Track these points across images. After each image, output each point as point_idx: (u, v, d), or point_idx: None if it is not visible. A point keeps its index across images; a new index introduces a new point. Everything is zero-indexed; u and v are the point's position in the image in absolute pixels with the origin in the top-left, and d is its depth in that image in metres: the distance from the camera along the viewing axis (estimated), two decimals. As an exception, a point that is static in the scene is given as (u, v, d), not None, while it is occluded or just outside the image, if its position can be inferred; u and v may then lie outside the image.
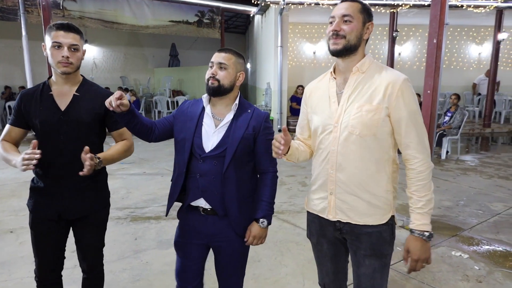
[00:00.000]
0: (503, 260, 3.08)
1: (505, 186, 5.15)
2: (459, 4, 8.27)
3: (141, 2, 10.64)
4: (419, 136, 1.41)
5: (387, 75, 1.42)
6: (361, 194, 1.44)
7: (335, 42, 1.42)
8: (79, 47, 1.72)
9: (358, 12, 1.41)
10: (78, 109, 1.75)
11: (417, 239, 1.40)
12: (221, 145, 1.62)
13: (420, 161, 1.40)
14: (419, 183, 1.40)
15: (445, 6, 3.25)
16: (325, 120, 1.49)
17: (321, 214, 1.56)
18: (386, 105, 1.39)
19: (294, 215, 4.03)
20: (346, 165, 1.44)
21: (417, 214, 1.41)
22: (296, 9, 8.60)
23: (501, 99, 10.45)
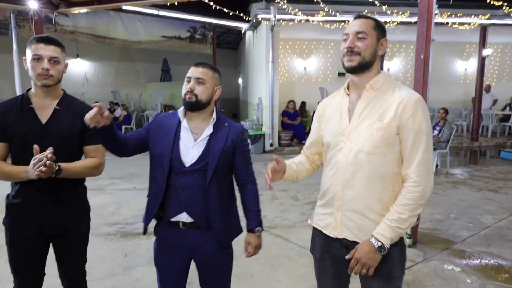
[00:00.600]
0: (495, 273, 3.09)
1: (494, 199, 5.20)
2: (445, 22, 8.50)
3: (133, 18, 10.71)
4: (423, 158, 1.36)
5: (400, 93, 1.40)
6: (368, 213, 1.42)
7: (350, 59, 1.42)
8: (59, 60, 1.71)
9: (372, 28, 1.42)
10: (59, 122, 1.73)
11: (368, 244, 1.37)
12: (202, 159, 1.63)
13: (414, 183, 1.36)
14: (404, 201, 1.37)
15: (431, 23, 3.34)
16: (336, 136, 1.49)
17: (324, 230, 1.54)
18: (397, 123, 1.37)
19: (287, 230, 4.01)
20: (354, 182, 1.42)
21: (383, 224, 1.38)
22: (287, 26, 8.74)
23: (488, 113, 10.66)
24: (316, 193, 5.26)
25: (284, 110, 9.78)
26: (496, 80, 12.80)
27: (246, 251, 1.77)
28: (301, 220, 4.29)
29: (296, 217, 4.39)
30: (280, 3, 7.89)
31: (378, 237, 1.36)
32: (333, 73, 11.72)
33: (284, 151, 9.03)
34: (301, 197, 5.23)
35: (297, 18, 8.20)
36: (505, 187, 5.80)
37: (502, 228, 4.08)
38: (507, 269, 3.16)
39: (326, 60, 11.67)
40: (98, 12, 9.79)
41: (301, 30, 9.53)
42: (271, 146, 9.05)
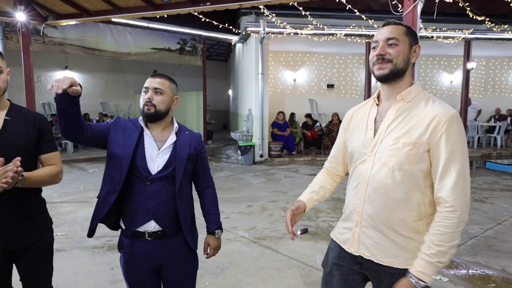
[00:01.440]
0: (481, 282, 3.12)
1: (481, 209, 5.27)
2: (430, 35, 8.71)
3: (123, 30, 10.73)
4: (458, 180, 1.23)
5: (434, 107, 1.29)
6: (387, 232, 1.33)
7: (381, 66, 1.33)
8: (2, 69, 1.67)
9: (403, 34, 1.33)
10: (12, 133, 1.67)
11: (410, 285, 1.23)
12: (169, 165, 1.65)
13: (451, 207, 1.23)
14: (440, 229, 1.24)
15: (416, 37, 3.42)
16: (360, 148, 1.42)
17: (343, 244, 1.48)
18: (427, 140, 1.26)
19: (276, 241, 3.99)
20: (375, 198, 1.34)
21: (421, 259, 1.24)
22: (276, 38, 8.86)
23: (473, 124, 10.87)
24: None
25: (274, 121, 9.84)
26: (482, 92, 13.10)
27: (205, 252, 1.84)
28: (290, 231, 4.28)
29: (285, 229, 4.36)
30: (269, 16, 8.01)
31: (420, 276, 1.22)
32: (322, 85, 11.86)
33: (274, 162, 9.04)
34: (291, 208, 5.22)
35: (286, 31, 8.33)
36: (491, 197, 5.89)
37: (489, 238, 4.13)
38: (493, 279, 3.19)
39: (315, 72, 11.82)
40: (87, 24, 9.80)
41: (290, 42, 9.67)
42: (261, 157, 9.06)
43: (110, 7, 5.06)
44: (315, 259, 3.49)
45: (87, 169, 8.11)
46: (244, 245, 3.86)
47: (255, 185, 6.73)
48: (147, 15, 5.12)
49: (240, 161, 8.95)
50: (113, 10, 5.13)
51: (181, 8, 4.79)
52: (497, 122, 11.09)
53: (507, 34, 9.06)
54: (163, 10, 4.91)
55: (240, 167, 8.52)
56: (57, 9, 5.40)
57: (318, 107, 11.26)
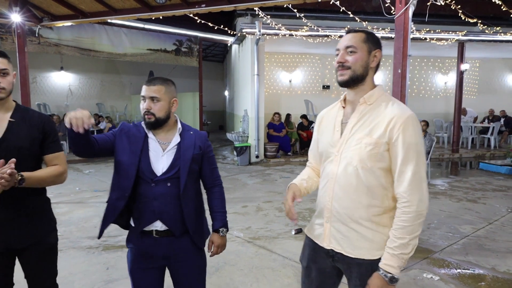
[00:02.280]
0: (472, 281, 3.17)
1: (473, 209, 5.34)
2: (423, 37, 8.79)
3: (119, 31, 10.73)
4: (414, 177, 1.33)
5: (392, 109, 1.39)
6: (355, 226, 1.42)
7: (342, 73, 1.44)
8: (8, 71, 1.70)
9: (361, 42, 1.42)
10: (16, 135, 1.69)
11: (379, 277, 1.36)
12: (173, 166, 1.68)
13: (407, 203, 1.33)
14: (400, 223, 1.34)
15: (407, 39, 3.49)
16: (327, 148, 1.51)
17: (316, 240, 1.56)
18: (386, 140, 1.36)
19: (271, 241, 4.03)
20: (342, 195, 1.44)
21: (387, 253, 1.36)
22: (272, 40, 8.91)
23: (467, 125, 10.98)
24: (300, 204, 5.33)
25: (270, 122, 9.88)
26: (476, 93, 13.23)
27: (209, 250, 1.85)
28: (285, 231, 4.32)
29: (280, 229, 4.42)
30: (265, 18, 8.06)
31: (386, 269, 1.34)
32: (317, 86, 11.93)
33: (270, 163, 9.08)
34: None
35: (281, 33, 8.38)
36: (483, 198, 5.97)
37: (480, 238, 4.19)
38: (483, 277, 3.25)
39: (310, 73, 11.88)
40: (82, 25, 9.79)
41: (286, 44, 9.72)
42: (257, 158, 9.10)
43: (106, 8, 5.08)
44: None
45: (82, 170, 8.11)
46: (239, 245, 3.89)
47: (250, 186, 6.76)
48: (142, 16, 5.14)
49: (236, 161, 8.98)
50: (108, 11, 5.15)
51: (176, 9, 4.82)
52: (490, 123, 11.20)
53: (500, 36, 9.17)
54: (159, 11, 4.94)
55: (236, 167, 8.55)
56: (53, 11, 5.41)
57: (313, 108, 11.32)
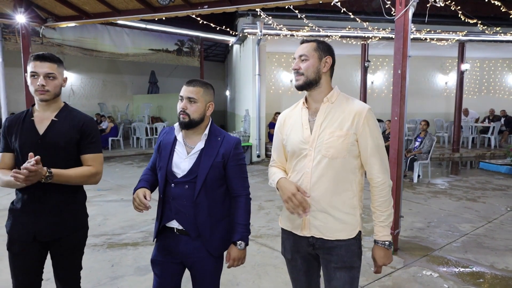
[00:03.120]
0: (470, 278, 3.23)
1: (473, 207, 5.39)
2: (423, 37, 8.84)
3: (121, 31, 10.80)
4: (382, 158, 1.61)
5: (354, 105, 1.61)
6: (332, 212, 1.59)
7: (297, 78, 1.63)
8: (55, 75, 1.80)
9: (313, 50, 1.61)
10: (55, 133, 1.81)
11: (380, 248, 1.62)
12: (192, 172, 1.73)
13: (382, 180, 1.60)
14: (381, 199, 1.60)
15: (407, 40, 3.53)
16: (299, 145, 1.63)
17: (295, 230, 1.68)
18: (354, 131, 1.57)
19: (272, 238, 4.09)
20: (319, 185, 1.58)
21: (380, 227, 1.62)
22: (273, 40, 8.96)
23: (468, 125, 11.02)
24: None
25: (271, 122, 9.94)
26: (476, 93, 13.26)
27: (227, 261, 1.80)
28: (286, 229, 4.38)
29: (281, 227, 4.47)
30: (266, 18, 8.11)
31: (383, 239, 1.61)
32: (318, 86, 11.95)
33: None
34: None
35: (283, 33, 8.43)
36: (483, 197, 6.02)
37: (479, 236, 4.25)
38: (481, 274, 3.31)
39: (311, 73, 11.91)
40: (85, 25, 9.86)
41: (287, 44, 9.78)
42: (258, 157, 9.16)
43: (109, 9, 5.13)
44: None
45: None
46: (241, 243, 3.94)
47: (252, 185, 6.76)
48: (145, 17, 5.20)
49: (237, 161, 9.03)
50: (112, 12, 5.20)
51: (179, 10, 4.88)
52: (491, 123, 11.24)
53: (500, 36, 9.21)
54: (162, 12, 4.99)
55: (237, 167, 8.60)
56: (57, 12, 5.47)
57: (314, 108, 11.35)
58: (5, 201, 5.47)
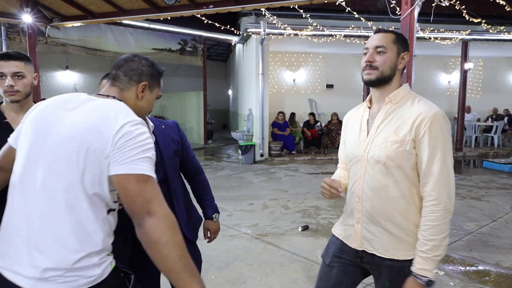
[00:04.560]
0: (476, 276, 3.25)
1: (477, 206, 5.40)
2: (427, 37, 8.83)
3: (124, 30, 10.83)
4: (440, 174, 1.32)
5: (419, 106, 1.39)
6: (387, 226, 1.41)
7: (369, 72, 1.43)
8: (24, 74, 1.71)
9: (391, 42, 1.42)
10: None
11: (415, 283, 1.34)
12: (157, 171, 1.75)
13: (435, 200, 1.32)
14: (429, 223, 1.33)
15: (413, 39, 3.55)
16: (355, 149, 1.51)
17: (346, 240, 1.56)
18: (412, 137, 1.35)
19: (278, 237, 4.11)
20: (371, 195, 1.43)
21: (419, 257, 1.34)
22: (276, 39, 8.97)
23: (471, 124, 11.01)
24: (306, 202, 5.41)
25: (274, 121, 9.95)
26: (479, 92, 13.24)
27: (206, 237, 1.90)
28: (291, 228, 4.40)
29: (286, 225, 4.50)
30: (269, 17, 8.12)
31: (422, 273, 1.31)
32: (321, 85, 11.99)
33: (274, 161, 9.16)
34: (292, 206, 5.34)
35: (286, 33, 8.44)
36: (487, 195, 6.02)
37: (484, 234, 4.26)
38: (487, 272, 3.32)
39: (314, 73, 11.94)
40: (89, 25, 9.88)
41: (290, 43, 9.79)
42: (261, 157, 9.18)
43: (115, 9, 5.16)
44: (316, 254, 3.61)
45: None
46: (247, 241, 3.97)
47: (256, 184, 6.85)
48: (151, 17, 5.22)
49: (240, 160, 9.06)
50: (117, 12, 5.22)
51: (184, 10, 4.90)
52: (494, 122, 11.23)
53: (504, 35, 9.19)
54: (167, 12, 5.01)
55: (241, 166, 8.64)
56: (62, 11, 5.50)
57: (317, 107, 11.38)
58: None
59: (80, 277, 1.07)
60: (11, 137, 1.28)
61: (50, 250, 1.06)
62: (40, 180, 1.09)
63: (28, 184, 1.11)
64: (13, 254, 1.08)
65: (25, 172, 1.13)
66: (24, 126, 1.22)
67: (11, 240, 1.10)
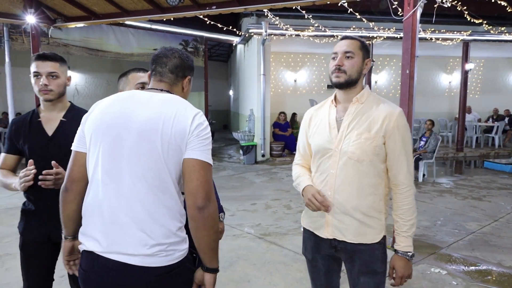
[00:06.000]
0: (478, 275, 3.27)
1: (478, 206, 5.42)
2: (429, 38, 8.86)
3: (126, 31, 10.86)
4: (409, 164, 1.56)
5: (384, 107, 1.56)
6: (356, 215, 1.55)
7: (338, 75, 1.56)
8: (58, 74, 1.79)
9: (358, 49, 1.56)
10: (64, 134, 1.78)
11: (401, 259, 1.56)
12: None
13: (407, 187, 1.56)
14: (406, 207, 1.55)
15: (415, 40, 3.57)
16: (325, 145, 1.60)
17: (317, 231, 1.66)
18: (383, 134, 1.52)
19: (281, 237, 4.13)
20: (344, 187, 1.55)
21: (402, 237, 1.56)
22: (277, 39, 9.00)
23: (472, 125, 11.03)
24: None
25: (275, 121, 9.98)
26: (480, 92, 13.26)
27: None
28: (294, 227, 4.43)
29: (289, 225, 4.52)
30: (271, 18, 8.15)
31: (406, 250, 1.55)
32: (322, 86, 12.01)
33: (276, 161, 9.18)
34: (294, 206, 5.37)
35: (288, 33, 8.46)
36: (488, 195, 6.04)
37: (485, 234, 4.28)
38: (489, 272, 3.35)
39: (315, 73, 11.96)
40: (91, 26, 9.90)
41: (292, 43, 9.81)
42: (263, 157, 9.20)
43: (118, 10, 5.18)
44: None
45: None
46: (250, 241, 4.00)
47: (258, 184, 6.87)
48: (154, 18, 5.25)
49: (242, 160, 9.09)
50: (120, 13, 5.25)
51: (187, 11, 4.92)
52: (495, 122, 11.26)
53: (505, 36, 9.22)
54: (170, 13, 5.04)
55: (242, 166, 8.66)
56: (66, 12, 5.53)
57: (318, 108, 11.39)
58: (15, 200, 5.53)
59: (176, 250, 1.25)
60: (75, 145, 1.35)
61: (152, 230, 1.22)
62: (130, 172, 1.23)
63: (117, 177, 1.24)
64: (116, 238, 1.23)
65: (111, 166, 1.24)
66: (87, 129, 1.31)
67: (109, 227, 1.24)
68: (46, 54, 1.78)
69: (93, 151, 1.28)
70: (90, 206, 1.29)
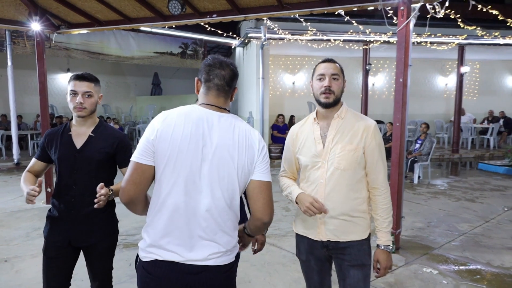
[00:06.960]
0: (468, 274, 3.43)
1: (471, 208, 5.59)
2: (424, 43, 9.01)
3: (126, 35, 11.00)
4: (384, 170, 1.81)
5: (362, 121, 1.79)
6: (346, 218, 1.77)
7: (327, 96, 1.76)
8: (92, 94, 1.99)
9: (340, 71, 1.79)
10: (91, 148, 1.99)
11: (384, 252, 1.81)
12: None
13: (385, 189, 1.80)
14: (384, 206, 1.80)
15: (409, 50, 3.72)
16: (313, 158, 1.80)
17: (311, 235, 1.85)
18: (363, 145, 1.75)
19: (280, 238, 4.29)
20: (333, 194, 1.75)
21: (383, 232, 1.81)
22: (276, 43, 9.14)
23: (467, 126, 11.21)
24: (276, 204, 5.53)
25: (274, 124, 10.13)
26: (476, 95, 13.45)
27: None
28: (292, 229, 4.54)
29: (288, 227, 4.67)
30: (269, 22, 8.29)
31: (386, 243, 1.80)
32: (320, 88, 12.14)
33: (274, 163, 9.32)
34: (292, 208, 5.51)
35: (287, 37, 8.61)
36: (481, 197, 6.21)
37: (477, 235, 4.45)
38: (478, 271, 3.51)
39: (313, 76, 12.09)
40: (92, 29, 10.05)
41: (290, 47, 9.96)
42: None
43: (121, 17, 5.32)
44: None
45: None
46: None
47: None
48: (156, 25, 5.39)
49: (241, 162, 9.22)
50: (123, 20, 5.38)
51: (189, 19, 5.06)
52: (490, 124, 11.43)
53: (499, 40, 9.39)
54: (172, 21, 5.18)
55: (242, 168, 8.78)
56: (70, 19, 5.66)
57: (316, 110, 11.54)
58: (20, 203, 5.66)
59: (233, 252, 1.49)
60: (141, 157, 1.41)
61: (223, 240, 1.43)
62: (209, 194, 1.40)
63: (196, 198, 1.40)
64: (195, 249, 1.40)
65: (192, 188, 1.39)
66: (161, 146, 1.39)
67: (187, 241, 1.41)
68: (83, 75, 1.97)
69: (171, 171, 1.39)
70: (168, 225, 1.40)
